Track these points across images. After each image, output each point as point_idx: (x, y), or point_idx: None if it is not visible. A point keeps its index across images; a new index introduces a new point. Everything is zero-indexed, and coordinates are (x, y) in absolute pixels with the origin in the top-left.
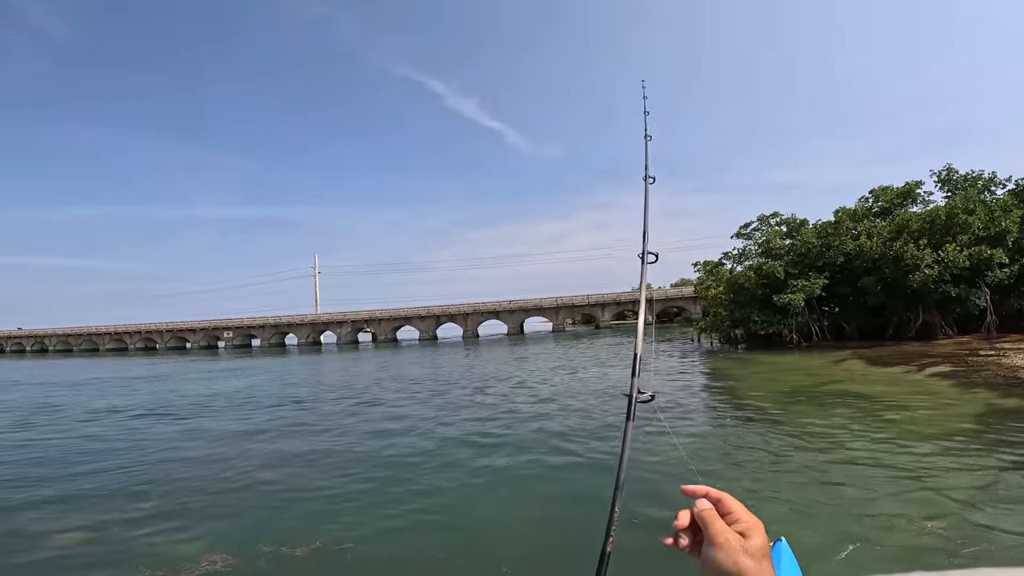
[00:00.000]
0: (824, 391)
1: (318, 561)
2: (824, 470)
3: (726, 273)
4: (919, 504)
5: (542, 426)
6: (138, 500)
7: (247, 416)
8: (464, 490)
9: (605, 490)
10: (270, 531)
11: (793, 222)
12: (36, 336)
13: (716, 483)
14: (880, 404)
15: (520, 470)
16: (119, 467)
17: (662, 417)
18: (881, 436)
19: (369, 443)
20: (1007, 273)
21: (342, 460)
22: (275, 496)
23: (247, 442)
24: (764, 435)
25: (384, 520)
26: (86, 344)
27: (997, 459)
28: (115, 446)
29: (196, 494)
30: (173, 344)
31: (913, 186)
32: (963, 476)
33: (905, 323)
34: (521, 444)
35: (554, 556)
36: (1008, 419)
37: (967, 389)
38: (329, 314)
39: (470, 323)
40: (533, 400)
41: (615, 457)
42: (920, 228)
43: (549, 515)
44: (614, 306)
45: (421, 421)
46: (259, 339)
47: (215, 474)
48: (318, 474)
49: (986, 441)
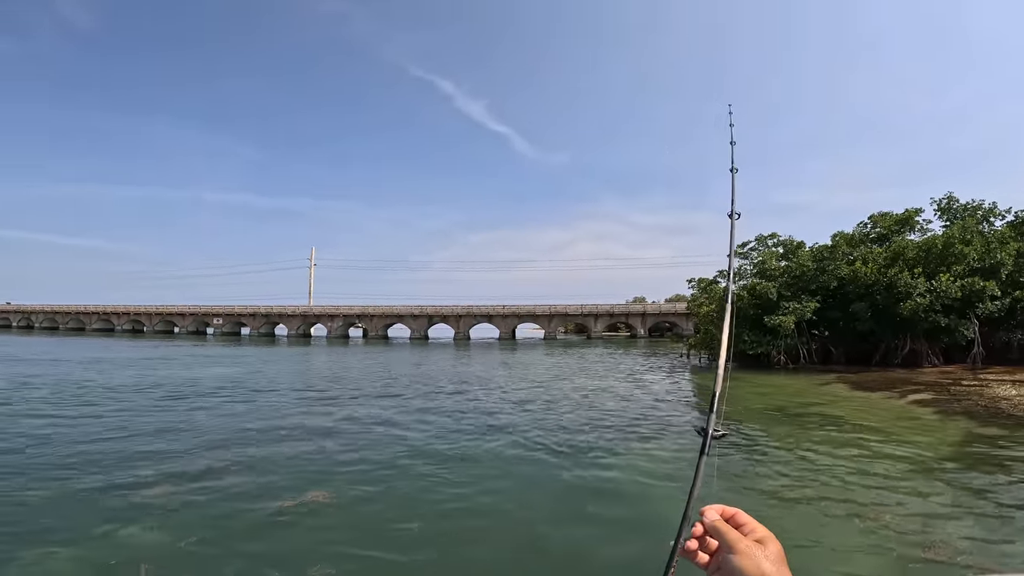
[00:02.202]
0: (803, 413)
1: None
2: (786, 490)
3: (719, 291)
4: (874, 532)
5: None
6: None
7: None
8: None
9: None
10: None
11: (790, 244)
12: (24, 312)
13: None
14: (857, 428)
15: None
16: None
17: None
18: (851, 460)
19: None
20: (998, 306)
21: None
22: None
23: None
24: (730, 453)
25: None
26: (73, 323)
27: (963, 487)
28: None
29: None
30: (161, 328)
31: (912, 213)
32: (928, 503)
33: (892, 350)
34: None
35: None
36: (984, 447)
37: (947, 417)
38: (321, 307)
39: (462, 325)
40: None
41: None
42: (916, 256)
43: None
44: (607, 317)
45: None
46: (249, 327)
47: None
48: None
49: (955, 470)
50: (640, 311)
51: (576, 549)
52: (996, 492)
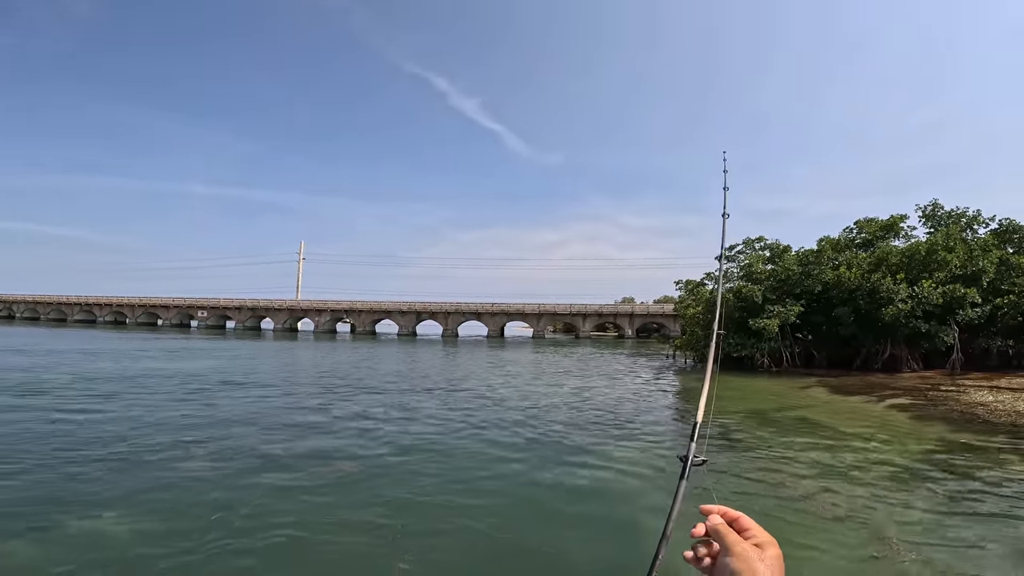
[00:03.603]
0: (782, 416)
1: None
2: (758, 495)
3: (706, 293)
4: (850, 538)
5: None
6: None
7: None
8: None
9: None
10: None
11: (777, 248)
12: (4, 301)
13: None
14: (833, 431)
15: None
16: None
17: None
18: (826, 463)
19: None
20: (978, 313)
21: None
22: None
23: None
24: (707, 455)
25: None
26: (54, 313)
27: (931, 492)
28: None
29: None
30: (144, 319)
31: (897, 219)
32: (896, 506)
33: (873, 355)
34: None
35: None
36: (956, 453)
37: (923, 422)
38: (309, 301)
39: (450, 322)
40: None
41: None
42: (899, 262)
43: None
44: (595, 317)
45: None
46: (234, 321)
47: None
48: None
49: (925, 474)
50: (628, 311)
51: (548, 551)
52: (965, 497)
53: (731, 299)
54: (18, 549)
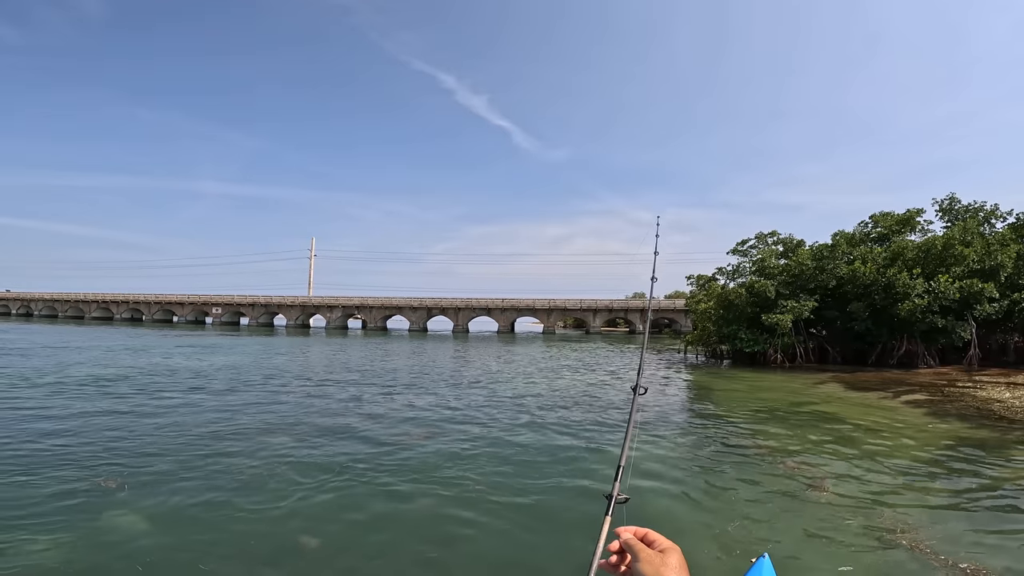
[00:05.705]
0: (797, 412)
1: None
2: (774, 490)
3: (718, 288)
4: (854, 532)
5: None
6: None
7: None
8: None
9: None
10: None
11: (790, 242)
12: (23, 299)
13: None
14: (848, 427)
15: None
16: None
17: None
18: (842, 458)
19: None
20: (996, 308)
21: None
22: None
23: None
24: (723, 450)
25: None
26: (72, 311)
27: (946, 489)
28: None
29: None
30: (160, 316)
31: (914, 213)
32: (910, 502)
33: (888, 350)
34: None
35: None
36: (971, 449)
37: (938, 418)
38: (320, 298)
39: (461, 318)
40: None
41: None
42: (915, 257)
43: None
44: (606, 312)
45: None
46: (248, 317)
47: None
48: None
49: (940, 471)
50: (639, 307)
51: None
52: (980, 494)
53: (743, 294)
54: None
